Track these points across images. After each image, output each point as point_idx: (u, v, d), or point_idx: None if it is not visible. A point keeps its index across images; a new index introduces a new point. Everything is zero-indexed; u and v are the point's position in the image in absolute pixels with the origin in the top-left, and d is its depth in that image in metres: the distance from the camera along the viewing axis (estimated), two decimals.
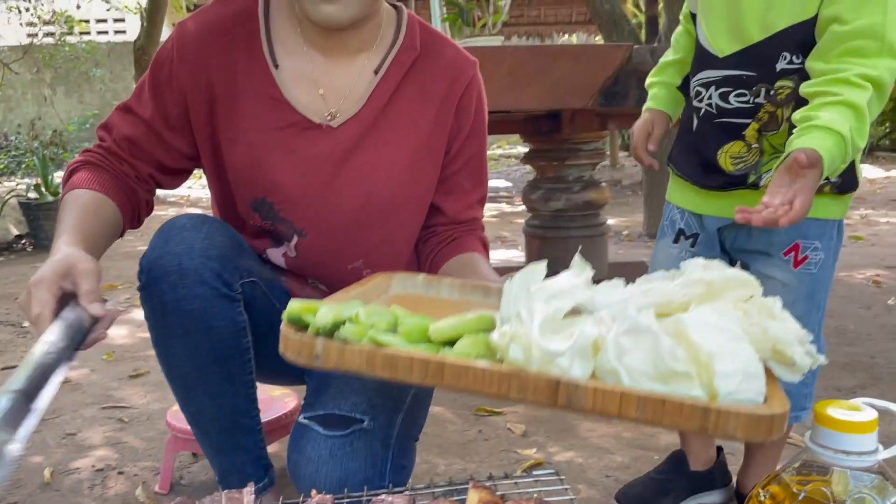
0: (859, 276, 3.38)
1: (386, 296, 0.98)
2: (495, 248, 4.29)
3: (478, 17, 3.24)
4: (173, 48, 1.12)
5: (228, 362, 1.06)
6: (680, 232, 1.37)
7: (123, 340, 2.72)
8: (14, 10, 8.98)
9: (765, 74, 1.18)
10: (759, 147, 1.22)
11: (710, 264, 0.82)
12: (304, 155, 1.12)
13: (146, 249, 1.06)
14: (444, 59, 1.18)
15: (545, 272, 0.80)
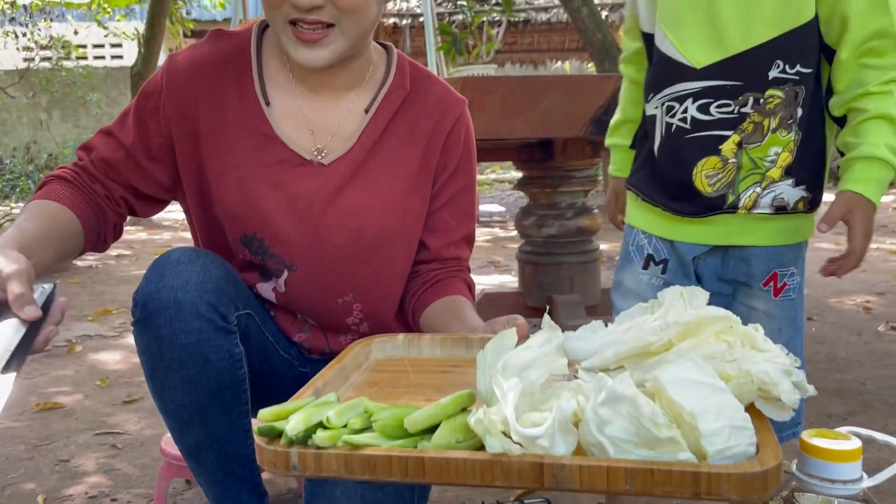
0: (850, 303, 3.40)
1: (367, 363, 0.98)
2: (488, 273, 4.31)
3: (471, 45, 3.29)
4: (162, 80, 1.13)
5: (224, 394, 1.06)
6: (649, 258, 1.34)
7: (117, 366, 2.72)
8: (11, 34, 9.04)
9: (754, 83, 1.18)
10: (736, 162, 1.21)
11: (690, 293, 0.82)
12: (295, 191, 1.13)
13: (141, 283, 1.05)
14: (432, 98, 1.20)
15: (515, 339, 0.79)
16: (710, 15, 1.18)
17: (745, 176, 1.21)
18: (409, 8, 9.06)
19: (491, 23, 3.67)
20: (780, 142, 1.20)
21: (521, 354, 0.76)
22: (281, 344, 1.21)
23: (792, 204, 1.22)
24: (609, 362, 0.79)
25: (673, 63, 1.22)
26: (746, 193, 1.21)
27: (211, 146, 1.13)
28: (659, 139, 1.27)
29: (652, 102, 1.28)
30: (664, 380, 0.67)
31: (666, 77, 1.24)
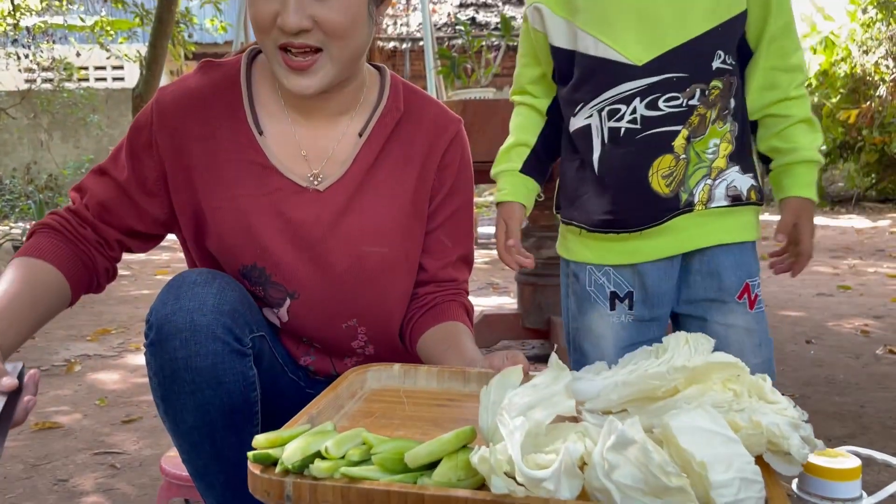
0: (848, 326, 3.41)
1: (362, 392, 0.97)
2: (487, 295, 4.32)
3: (470, 69, 3.32)
4: (153, 114, 1.13)
5: (236, 416, 1.05)
6: (613, 296, 1.26)
7: (116, 386, 2.71)
8: (13, 56, 9.10)
9: (699, 74, 1.17)
10: (686, 157, 1.19)
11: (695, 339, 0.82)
12: (293, 219, 1.12)
13: (155, 304, 1.04)
14: (427, 118, 1.19)
15: (521, 377, 0.78)
16: (642, 12, 1.16)
17: (694, 170, 1.20)
18: (409, 32, 9.15)
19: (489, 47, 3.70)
20: (718, 133, 1.20)
21: (527, 393, 0.75)
22: (289, 366, 1.21)
23: (745, 192, 1.22)
24: (613, 405, 0.79)
25: (610, 65, 1.18)
26: (699, 188, 1.20)
27: (205, 179, 1.12)
28: (599, 149, 1.22)
29: (583, 112, 1.22)
30: (675, 427, 0.67)
31: (603, 81, 1.19)
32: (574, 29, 1.21)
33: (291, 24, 1.00)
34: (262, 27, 1.04)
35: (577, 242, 1.29)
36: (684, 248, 1.23)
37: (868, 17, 9.15)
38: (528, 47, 1.32)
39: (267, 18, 1.02)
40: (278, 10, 1.01)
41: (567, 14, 1.22)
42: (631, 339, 1.26)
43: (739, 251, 1.25)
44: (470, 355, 1.09)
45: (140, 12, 8.08)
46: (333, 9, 1.02)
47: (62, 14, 9.19)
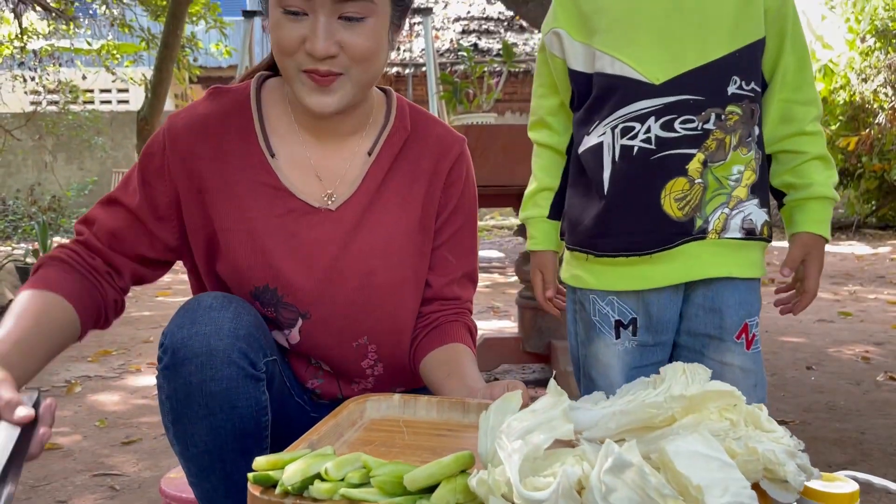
0: (848, 353, 3.41)
1: (362, 421, 0.98)
2: (488, 319, 4.32)
3: (472, 94, 3.36)
4: (165, 139, 1.14)
5: (247, 440, 1.04)
6: (617, 324, 1.26)
7: (116, 407, 2.71)
8: (19, 78, 9.18)
9: (715, 98, 1.16)
10: (702, 182, 1.17)
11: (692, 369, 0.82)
12: (305, 239, 1.14)
13: (170, 328, 1.03)
14: (432, 137, 1.22)
15: (520, 402, 0.79)
16: (663, 32, 1.16)
17: (712, 196, 1.18)
18: (412, 58, 9.24)
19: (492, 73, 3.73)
20: (742, 160, 1.18)
21: (525, 418, 0.75)
22: (295, 389, 1.21)
23: (759, 227, 1.20)
24: (611, 434, 0.79)
25: (628, 83, 1.18)
26: (715, 215, 1.18)
27: (218, 202, 1.13)
28: (611, 167, 1.20)
29: (597, 130, 1.21)
30: (671, 451, 0.67)
31: (618, 99, 1.19)
32: (592, 51, 1.21)
33: (321, 51, 1.03)
34: (288, 50, 1.06)
35: (583, 269, 1.27)
36: (692, 277, 1.21)
37: (867, 46, 9.24)
38: (546, 77, 1.32)
39: (294, 43, 1.04)
40: (305, 35, 1.03)
41: (586, 38, 1.22)
42: (635, 363, 1.26)
43: (745, 288, 1.23)
44: (470, 381, 1.09)
45: (146, 36, 8.18)
46: (360, 35, 1.05)
47: (69, 38, 9.29)
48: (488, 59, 4.45)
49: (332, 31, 1.04)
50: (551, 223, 1.35)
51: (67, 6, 7.72)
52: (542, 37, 1.31)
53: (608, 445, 0.67)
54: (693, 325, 1.25)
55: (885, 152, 8.90)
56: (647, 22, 1.17)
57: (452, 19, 10.52)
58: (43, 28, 9.28)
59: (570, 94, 1.29)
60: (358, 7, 1.04)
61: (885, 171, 8.93)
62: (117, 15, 8.31)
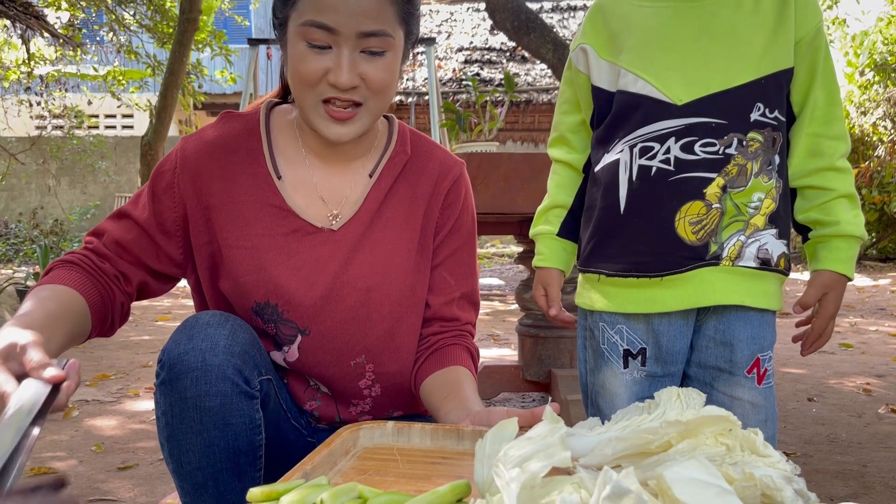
0: (850, 385, 3.39)
1: (355, 450, 0.97)
2: (488, 347, 4.31)
3: (474, 123, 3.39)
4: (177, 159, 1.19)
5: (240, 459, 1.05)
6: (626, 353, 1.25)
7: (113, 432, 2.69)
8: (25, 103, 9.27)
9: (737, 123, 1.15)
10: (720, 207, 1.15)
11: (687, 394, 0.82)
12: (307, 258, 1.16)
13: (168, 345, 1.05)
14: (433, 160, 1.25)
15: (516, 430, 0.78)
16: (689, 54, 1.16)
17: (729, 223, 1.16)
18: (415, 87, 9.32)
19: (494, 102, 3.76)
20: (763, 188, 1.16)
21: (522, 445, 0.74)
22: (292, 412, 1.21)
23: (776, 258, 1.18)
24: (608, 460, 0.79)
25: (649, 102, 1.17)
26: (730, 242, 1.16)
27: (223, 219, 1.17)
28: (627, 186, 1.19)
29: (615, 148, 1.21)
30: (670, 478, 0.67)
31: (639, 118, 1.18)
32: (617, 69, 1.20)
33: (345, 83, 1.07)
34: (310, 82, 1.09)
35: (595, 290, 1.26)
36: (703, 303, 1.19)
37: (865, 80, 9.33)
38: (570, 94, 1.32)
39: (317, 74, 1.08)
40: (329, 68, 1.07)
41: (612, 57, 1.22)
42: (643, 394, 1.24)
43: (758, 322, 1.21)
44: (470, 404, 1.09)
45: (152, 63, 8.27)
46: (380, 68, 1.10)
47: (75, 63, 9.40)
48: (490, 89, 4.50)
49: (355, 63, 1.08)
50: (560, 241, 1.34)
51: (75, 33, 7.82)
52: (570, 53, 1.31)
53: (606, 472, 0.66)
54: (703, 357, 1.23)
55: (884, 185, 8.95)
56: (675, 43, 1.17)
57: (455, 49, 10.63)
58: (50, 54, 9.39)
59: (591, 111, 1.28)
60: (379, 42, 1.08)
61: (885, 204, 8.97)
62: (124, 42, 8.41)
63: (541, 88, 9.42)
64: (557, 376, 2.71)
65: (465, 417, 1.05)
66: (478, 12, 11.16)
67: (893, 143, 8.92)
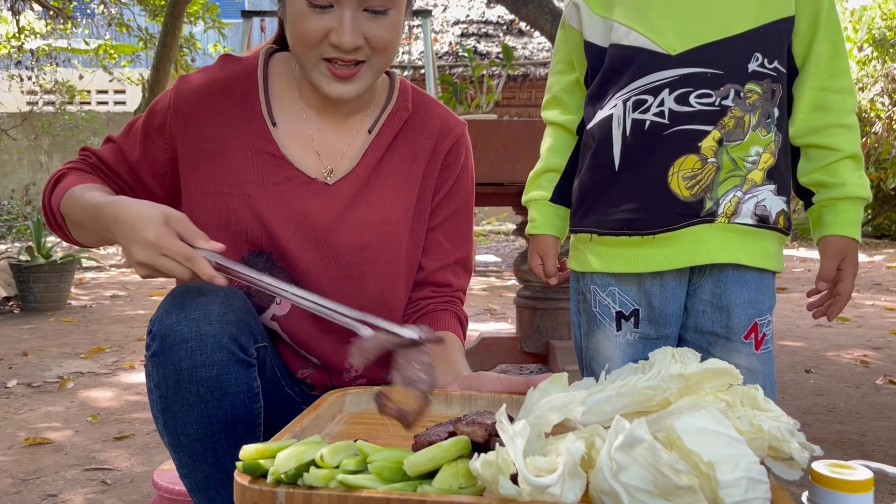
0: (847, 357, 3.39)
1: (341, 416, 0.95)
2: (485, 321, 4.30)
3: (471, 96, 3.35)
4: (171, 99, 1.16)
5: (238, 428, 1.02)
6: (619, 315, 1.21)
7: (109, 403, 2.68)
8: (16, 78, 9.15)
9: (734, 74, 1.11)
10: (716, 161, 1.12)
11: (682, 353, 0.80)
12: (301, 209, 1.14)
13: (157, 315, 1.01)
14: (434, 118, 1.22)
15: (566, 384, 0.80)
16: (684, 4, 1.12)
17: (725, 178, 1.12)
18: (411, 60, 9.24)
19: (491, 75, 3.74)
20: (761, 141, 1.12)
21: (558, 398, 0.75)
22: (286, 380, 1.19)
23: (774, 215, 1.14)
24: (607, 417, 0.77)
25: (642, 53, 1.13)
26: (726, 198, 1.12)
27: (216, 164, 1.14)
28: (620, 142, 1.15)
29: (609, 103, 1.17)
30: (680, 428, 0.66)
31: (633, 71, 1.14)
32: (610, 23, 1.17)
33: (349, 43, 1.05)
34: (312, 42, 1.07)
35: (587, 251, 1.23)
36: (697, 261, 1.15)
37: (864, 55, 9.27)
38: (564, 52, 1.29)
39: (318, 34, 1.06)
40: (331, 27, 1.05)
41: (605, 12, 1.18)
42: (637, 356, 1.20)
43: (755, 285, 1.17)
44: (458, 368, 1.08)
45: (144, 36, 8.16)
46: (384, 27, 1.07)
47: (66, 37, 9.27)
48: (488, 62, 4.45)
49: (358, 23, 1.05)
50: (554, 207, 1.30)
51: (65, 5, 7.70)
52: (564, 10, 1.27)
53: (618, 422, 0.65)
54: (699, 322, 1.20)
55: (881, 161, 8.93)
56: None
57: (451, 22, 10.53)
58: (41, 27, 9.26)
59: (585, 70, 1.25)
60: (382, 0, 1.05)
61: (881, 181, 8.96)
62: (115, 14, 8.29)
63: (538, 62, 9.34)
64: (556, 347, 2.70)
65: (454, 381, 1.04)
66: None
67: (891, 119, 8.89)
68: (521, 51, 9.78)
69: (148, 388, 1.04)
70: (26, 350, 3.46)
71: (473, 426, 0.77)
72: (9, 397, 2.75)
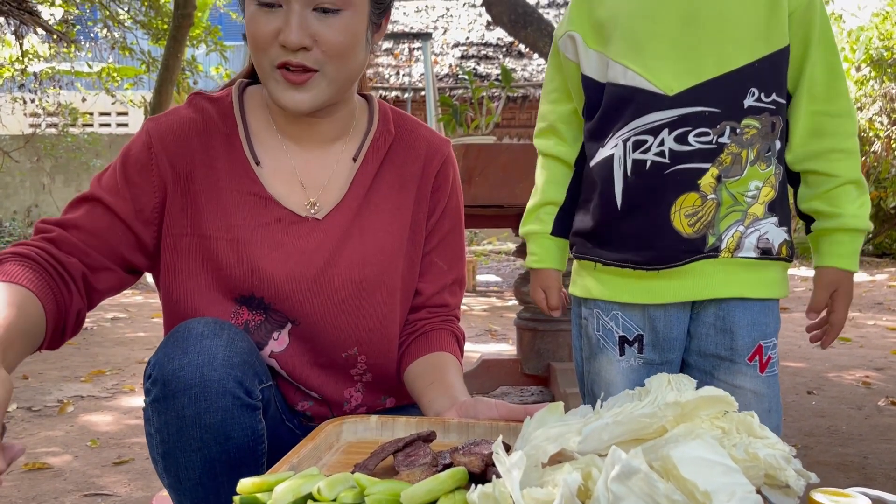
0: (849, 378, 3.38)
1: (338, 445, 0.95)
2: (485, 342, 4.29)
3: (471, 118, 3.37)
4: (149, 139, 1.10)
5: (242, 470, 0.99)
6: (622, 340, 1.22)
7: (108, 427, 2.67)
8: (19, 100, 9.22)
9: (731, 111, 1.11)
10: (716, 198, 1.12)
11: (678, 380, 0.80)
12: (292, 249, 1.11)
13: (158, 359, 0.98)
14: (419, 140, 1.20)
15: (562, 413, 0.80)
16: (678, 42, 1.11)
17: (727, 213, 1.13)
18: (412, 82, 9.30)
19: (491, 97, 3.75)
20: (760, 175, 1.13)
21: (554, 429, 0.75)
22: (285, 413, 1.17)
23: (776, 247, 1.15)
24: (604, 445, 0.77)
25: (640, 94, 1.13)
26: (729, 233, 1.13)
27: (203, 206, 1.10)
28: (622, 182, 1.16)
29: (609, 143, 1.17)
30: (676, 457, 0.66)
31: (632, 111, 1.14)
32: (606, 60, 1.17)
33: (293, 41, 1.00)
34: (262, 45, 1.03)
35: (590, 277, 1.23)
36: (701, 296, 1.16)
37: (861, 75, 9.32)
38: (559, 82, 1.27)
39: (267, 36, 1.02)
40: (279, 28, 1.01)
41: (600, 46, 1.18)
42: (640, 382, 1.18)
43: (759, 309, 1.17)
44: (455, 392, 1.07)
45: (146, 60, 8.23)
46: (334, 28, 1.03)
47: (69, 61, 9.34)
48: (487, 84, 4.48)
49: (306, 22, 1.01)
50: (554, 240, 1.29)
51: (69, 29, 7.78)
52: (556, 40, 1.26)
53: (614, 452, 0.65)
54: (703, 345, 1.20)
55: (881, 180, 8.95)
56: (662, 31, 1.12)
57: (452, 45, 10.61)
58: (44, 51, 9.33)
59: (582, 101, 1.24)
60: None
61: (881, 199, 8.97)
62: (118, 38, 8.36)
63: (537, 84, 9.39)
64: (556, 370, 2.70)
65: (451, 408, 1.02)
66: (474, 8, 11.13)
67: (890, 138, 8.93)
68: (521, 72, 9.84)
69: (147, 432, 1.02)
70: (27, 373, 3.46)
71: (470, 456, 0.77)
72: (9, 422, 2.74)
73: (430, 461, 0.80)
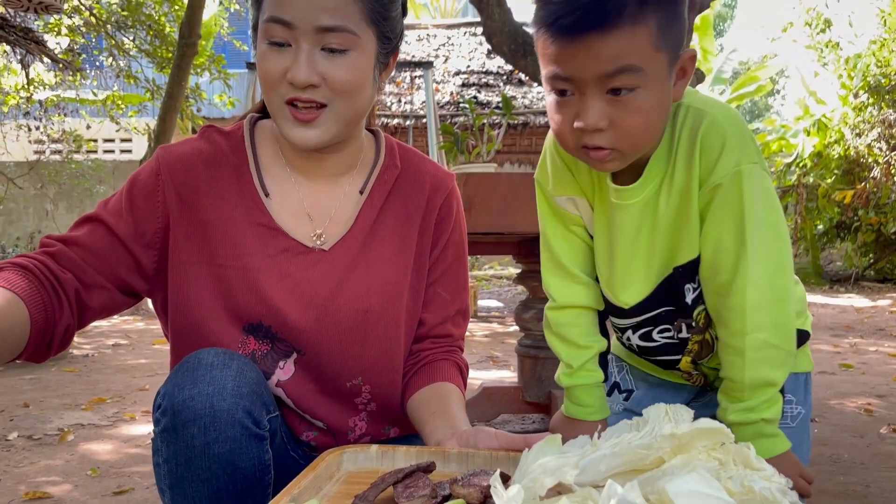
0: (851, 405, 3.37)
1: (339, 475, 0.96)
2: (487, 368, 4.28)
3: (472, 145, 3.40)
4: (159, 166, 1.13)
5: (248, 500, 1.01)
6: (615, 385, 1.29)
7: (109, 456, 2.67)
8: (24, 128, 9.29)
9: (679, 309, 1.14)
10: (699, 373, 1.21)
11: (675, 410, 0.81)
12: (299, 279, 1.13)
13: (168, 389, 0.99)
14: (423, 174, 1.23)
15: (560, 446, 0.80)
16: (611, 271, 1.15)
17: (716, 378, 1.18)
18: (413, 110, 9.38)
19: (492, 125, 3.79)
20: None
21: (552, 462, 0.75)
22: (290, 443, 1.18)
23: None
24: (601, 477, 0.78)
25: (607, 300, 1.20)
26: None
27: (212, 235, 1.12)
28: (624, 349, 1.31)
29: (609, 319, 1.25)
30: (672, 491, 0.67)
31: (607, 309, 1.21)
32: None
33: (302, 78, 1.03)
34: (272, 82, 1.06)
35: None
36: None
37: (860, 102, 9.39)
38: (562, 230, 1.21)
39: (277, 73, 1.05)
40: (288, 66, 1.04)
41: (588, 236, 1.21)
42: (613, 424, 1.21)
43: None
44: (456, 422, 1.08)
45: (151, 87, 8.31)
46: (341, 67, 1.05)
47: (74, 88, 9.43)
48: (488, 112, 4.53)
49: (314, 61, 1.04)
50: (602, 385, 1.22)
51: (75, 58, 7.86)
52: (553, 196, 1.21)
53: (611, 486, 0.66)
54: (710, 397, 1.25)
55: (881, 206, 8.98)
56: (601, 262, 1.17)
57: (453, 73, 10.71)
58: (49, 79, 9.42)
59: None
60: (340, 39, 1.04)
61: (881, 225, 8.99)
62: (123, 67, 8.45)
63: (538, 111, 9.47)
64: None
65: (452, 437, 1.03)
66: (475, 36, 11.25)
67: (889, 164, 8.96)
68: (521, 100, 9.93)
69: (155, 463, 1.03)
70: (27, 401, 3.46)
71: (469, 488, 0.78)
72: (9, 450, 2.74)
73: (430, 493, 0.81)
